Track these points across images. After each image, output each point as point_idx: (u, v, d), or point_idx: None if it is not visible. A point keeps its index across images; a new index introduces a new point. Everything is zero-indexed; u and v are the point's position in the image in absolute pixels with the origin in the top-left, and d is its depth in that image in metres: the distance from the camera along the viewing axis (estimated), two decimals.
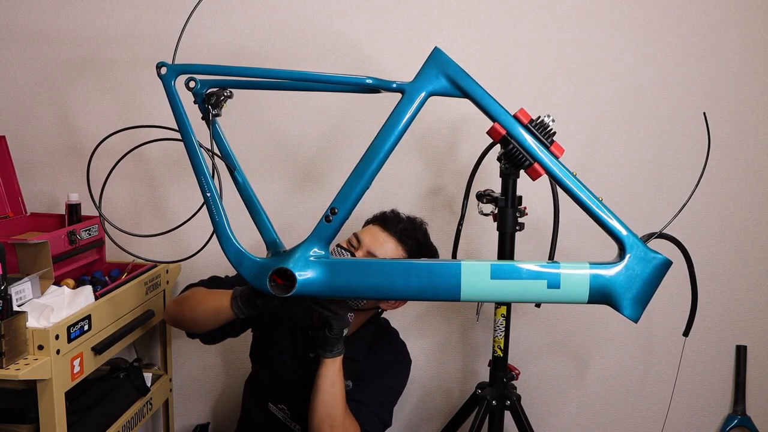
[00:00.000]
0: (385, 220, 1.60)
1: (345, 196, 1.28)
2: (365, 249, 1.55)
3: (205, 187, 1.28)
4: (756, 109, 1.92)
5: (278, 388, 1.66)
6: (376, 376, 1.61)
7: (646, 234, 1.34)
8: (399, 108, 1.26)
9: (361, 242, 1.56)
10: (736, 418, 2.01)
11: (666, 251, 1.29)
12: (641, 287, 1.25)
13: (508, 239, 1.54)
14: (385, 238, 1.56)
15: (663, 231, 1.35)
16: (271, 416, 1.68)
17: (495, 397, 1.64)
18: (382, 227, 1.59)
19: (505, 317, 1.62)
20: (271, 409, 1.68)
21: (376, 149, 1.27)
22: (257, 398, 1.72)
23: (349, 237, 1.60)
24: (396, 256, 1.56)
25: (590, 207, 1.26)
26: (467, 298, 1.26)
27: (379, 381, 1.61)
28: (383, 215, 1.63)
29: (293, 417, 1.64)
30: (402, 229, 1.58)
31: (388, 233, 1.57)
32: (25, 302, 1.49)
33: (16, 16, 2.02)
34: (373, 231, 1.58)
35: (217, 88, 1.31)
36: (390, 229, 1.58)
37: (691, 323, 1.54)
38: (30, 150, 2.05)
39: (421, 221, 1.66)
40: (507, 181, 1.50)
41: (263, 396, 1.70)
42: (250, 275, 1.29)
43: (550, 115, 1.27)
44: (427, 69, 1.26)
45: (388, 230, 1.58)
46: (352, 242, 1.57)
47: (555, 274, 1.24)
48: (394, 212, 1.64)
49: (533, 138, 1.25)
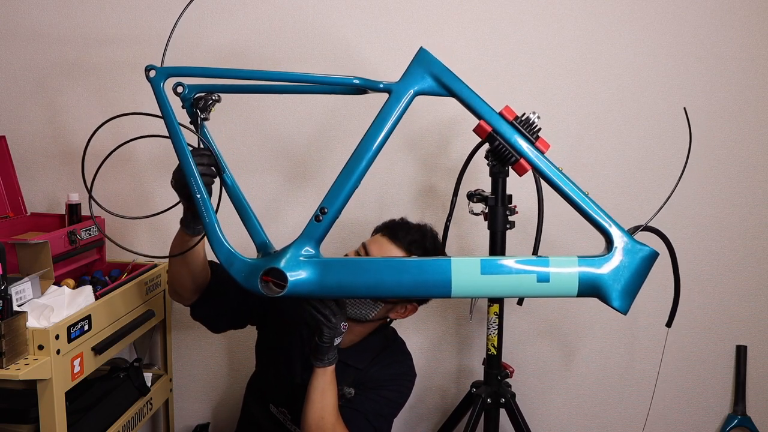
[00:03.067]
0: (393, 230, 1.57)
1: (334, 196, 1.29)
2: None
3: (195, 188, 1.29)
4: (756, 109, 1.91)
5: (282, 390, 1.66)
6: (378, 387, 1.59)
7: (632, 227, 1.35)
8: (386, 108, 1.28)
9: (369, 252, 1.54)
10: (736, 418, 2.00)
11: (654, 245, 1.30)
12: (629, 279, 1.26)
13: (499, 237, 1.55)
14: (392, 249, 1.53)
15: (648, 223, 1.36)
16: (272, 418, 1.68)
17: (490, 395, 1.65)
18: (390, 238, 1.55)
19: (498, 315, 1.62)
20: (272, 411, 1.68)
21: (364, 149, 1.28)
22: (259, 398, 1.72)
23: (358, 247, 1.58)
24: None
25: (576, 201, 1.27)
26: (458, 294, 1.27)
27: (381, 392, 1.59)
28: (392, 224, 1.59)
29: (294, 420, 1.64)
30: (411, 241, 1.54)
31: (396, 244, 1.54)
32: (25, 302, 1.49)
33: (15, 17, 2.04)
34: (381, 241, 1.56)
35: (204, 93, 1.33)
36: (398, 240, 1.54)
37: (674, 314, 1.56)
38: (30, 150, 2.07)
39: (431, 228, 1.62)
40: (497, 180, 1.51)
41: (265, 397, 1.70)
42: (240, 276, 1.29)
43: (536, 112, 1.28)
44: (413, 69, 1.28)
45: (396, 241, 1.54)
46: (360, 252, 1.56)
47: (544, 269, 1.26)
48: (403, 221, 1.61)
49: (518, 134, 1.27)
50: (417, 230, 1.58)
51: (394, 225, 1.59)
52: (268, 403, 1.69)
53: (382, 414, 1.58)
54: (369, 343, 1.64)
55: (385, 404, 1.59)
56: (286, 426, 1.66)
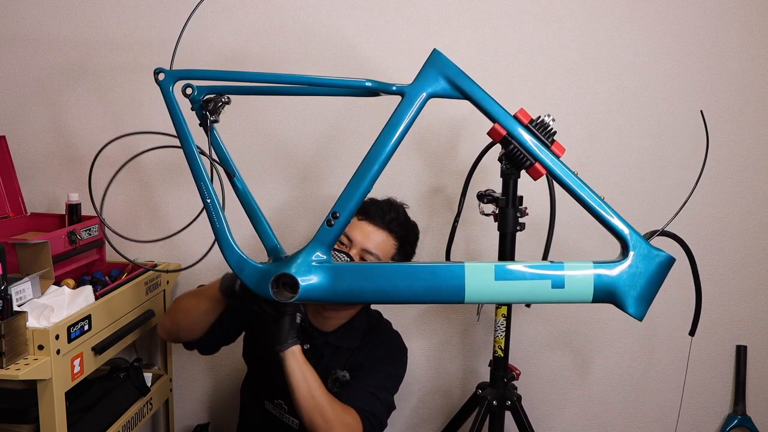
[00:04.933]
0: (369, 213, 1.61)
1: (346, 200, 1.28)
2: (358, 247, 1.57)
3: (205, 193, 1.27)
4: (756, 109, 1.92)
5: (274, 383, 1.65)
6: (374, 365, 1.61)
7: (648, 232, 1.34)
8: (399, 111, 1.26)
9: (353, 240, 1.57)
10: (736, 418, 2.01)
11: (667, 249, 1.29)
12: (645, 285, 1.25)
13: (509, 239, 1.54)
14: (374, 232, 1.59)
15: (665, 228, 1.34)
16: (268, 415, 1.69)
17: (495, 398, 1.64)
18: (368, 221, 1.60)
19: (505, 317, 1.62)
20: (267, 408, 1.69)
21: (376, 153, 1.26)
22: (253, 398, 1.73)
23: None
24: (388, 246, 1.59)
25: (592, 206, 1.26)
26: (472, 300, 1.26)
27: (378, 368, 1.61)
28: (364, 208, 1.62)
29: (290, 411, 1.64)
30: (390, 220, 1.60)
31: (376, 226, 1.59)
32: (25, 302, 1.49)
33: (15, 18, 2.02)
34: (362, 226, 1.60)
35: (214, 95, 1.30)
36: (377, 221, 1.60)
37: (697, 322, 1.52)
38: (30, 150, 2.06)
39: (400, 202, 1.68)
40: (508, 181, 1.49)
41: (259, 395, 1.71)
42: (252, 282, 1.28)
43: (551, 115, 1.27)
44: (426, 71, 1.26)
45: (375, 223, 1.59)
46: (343, 242, 1.59)
47: (559, 274, 1.24)
48: (372, 201, 1.64)
49: (534, 138, 1.26)
50: (389, 207, 1.63)
51: (366, 208, 1.61)
52: (263, 400, 1.69)
53: (384, 387, 1.59)
54: (355, 323, 1.67)
55: (385, 378, 1.61)
56: (283, 420, 1.66)
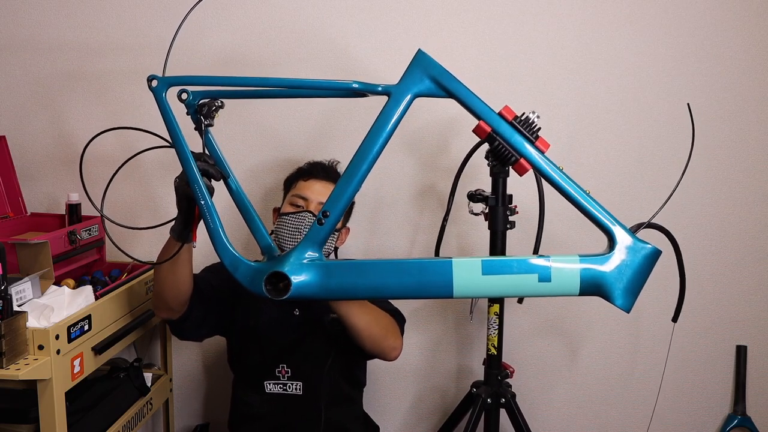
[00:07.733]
0: (312, 173, 1.73)
1: (336, 199, 1.30)
2: (315, 202, 1.66)
3: (199, 195, 1.29)
4: (756, 109, 1.92)
5: (272, 357, 1.69)
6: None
7: (634, 225, 1.35)
8: (385, 111, 1.28)
9: (308, 198, 1.67)
10: (736, 418, 2.00)
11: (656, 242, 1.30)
12: (632, 277, 1.26)
13: (500, 237, 1.55)
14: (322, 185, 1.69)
15: (651, 221, 1.36)
16: (269, 397, 1.70)
17: (490, 396, 1.65)
18: (314, 179, 1.71)
19: (498, 315, 1.63)
20: (267, 389, 1.70)
21: (364, 152, 1.28)
22: (250, 385, 1.73)
23: (289, 199, 1.70)
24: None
25: (577, 200, 1.27)
26: (460, 294, 1.28)
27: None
28: (311, 168, 1.75)
29: (294, 375, 1.68)
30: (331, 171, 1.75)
31: (322, 179, 1.71)
32: (25, 302, 1.48)
33: (15, 20, 2.04)
34: (310, 185, 1.70)
35: (208, 99, 1.33)
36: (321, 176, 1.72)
37: (680, 308, 1.55)
38: (30, 150, 2.07)
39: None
40: (497, 179, 1.51)
41: (257, 378, 1.71)
42: (246, 280, 1.30)
43: (535, 112, 1.28)
44: (411, 71, 1.28)
45: (320, 178, 1.71)
46: (299, 204, 1.67)
47: (546, 268, 1.26)
48: (310, 163, 1.78)
49: (518, 134, 1.27)
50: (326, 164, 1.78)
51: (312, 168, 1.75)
52: (263, 382, 1.70)
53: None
54: None
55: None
56: (286, 392, 1.68)
